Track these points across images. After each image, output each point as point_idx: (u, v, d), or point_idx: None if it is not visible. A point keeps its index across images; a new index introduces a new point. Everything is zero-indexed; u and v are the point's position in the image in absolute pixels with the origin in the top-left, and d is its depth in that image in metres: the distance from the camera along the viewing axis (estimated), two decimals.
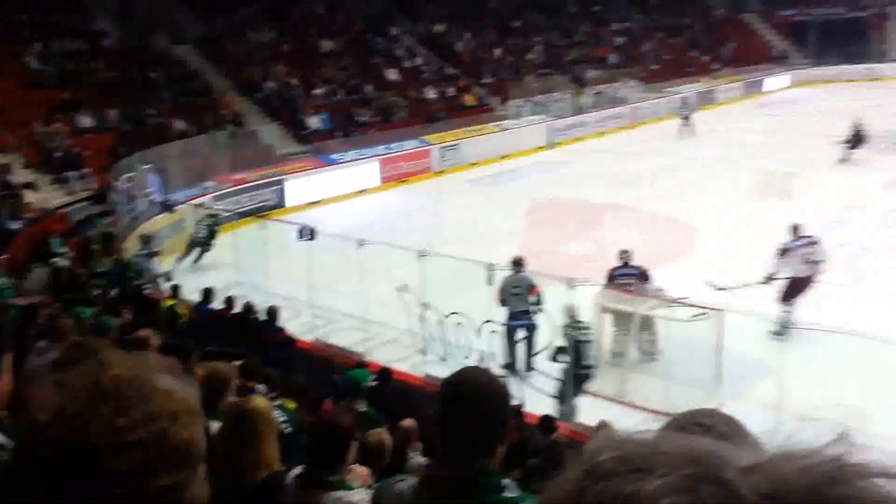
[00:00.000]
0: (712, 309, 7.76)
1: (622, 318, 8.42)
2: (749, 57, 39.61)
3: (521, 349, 8.60)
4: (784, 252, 8.94)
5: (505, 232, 13.28)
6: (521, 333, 8.53)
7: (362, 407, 5.75)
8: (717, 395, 7.52)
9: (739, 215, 13.79)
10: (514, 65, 30.17)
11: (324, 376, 7.33)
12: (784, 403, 7.10)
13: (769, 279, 8.88)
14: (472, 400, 1.58)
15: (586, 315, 8.00)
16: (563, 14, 37.04)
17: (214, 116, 19.21)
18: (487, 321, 8.38)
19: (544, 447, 5.15)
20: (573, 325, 7.50)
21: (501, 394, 1.65)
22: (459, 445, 1.58)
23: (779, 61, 40.63)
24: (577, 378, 7.44)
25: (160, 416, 0.76)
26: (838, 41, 39.85)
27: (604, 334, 8.51)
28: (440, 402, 1.64)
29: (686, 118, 24.60)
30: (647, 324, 8.34)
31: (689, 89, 30.17)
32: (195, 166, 15.95)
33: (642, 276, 8.54)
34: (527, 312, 8.36)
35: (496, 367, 7.67)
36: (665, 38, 39.02)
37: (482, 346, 8.44)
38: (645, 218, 14.27)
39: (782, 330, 8.53)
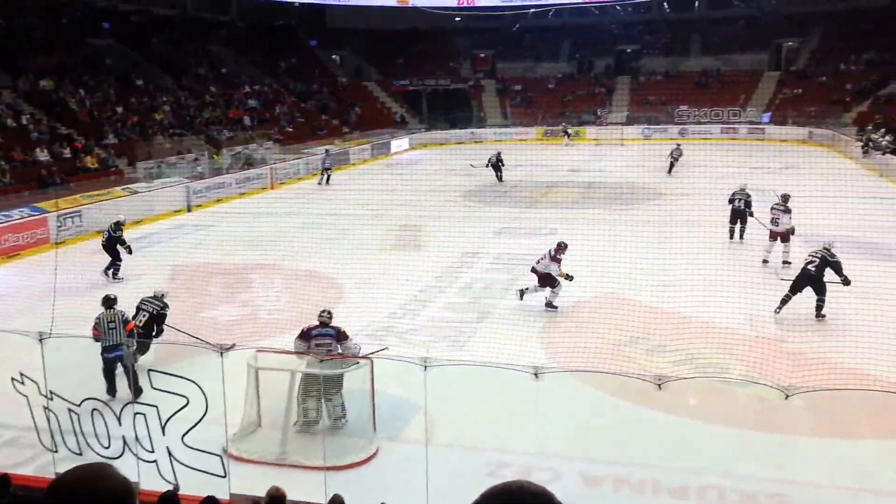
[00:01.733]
0: (364, 357, 8.12)
1: (311, 381, 8.26)
2: (374, 121, 42.95)
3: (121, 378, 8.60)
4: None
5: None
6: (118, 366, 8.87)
7: None
8: (375, 440, 7.87)
9: (377, 267, 14.61)
10: (141, 125, 28.70)
11: None
12: (434, 437, 7.68)
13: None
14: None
15: (241, 379, 7.80)
16: (190, 74, 36.38)
17: None
18: (130, 403, 7.69)
19: None
20: None
21: (119, 495, 1.51)
22: None
23: (400, 125, 44.64)
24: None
25: None
26: (446, 108, 45.33)
27: (264, 399, 8.34)
28: None
29: (326, 175, 27.16)
30: (337, 385, 8.26)
31: (323, 150, 31.49)
32: None
33: (340, 336, 8.51)
34: (121, 345, 8.85)
35: (144, 452, 6.98)
36: (297, 102, 40.46)
37: (126, 432, 7.69)
38: (290, 276, 14.47)
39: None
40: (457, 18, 49.87)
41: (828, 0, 44.89)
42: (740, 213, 16.14)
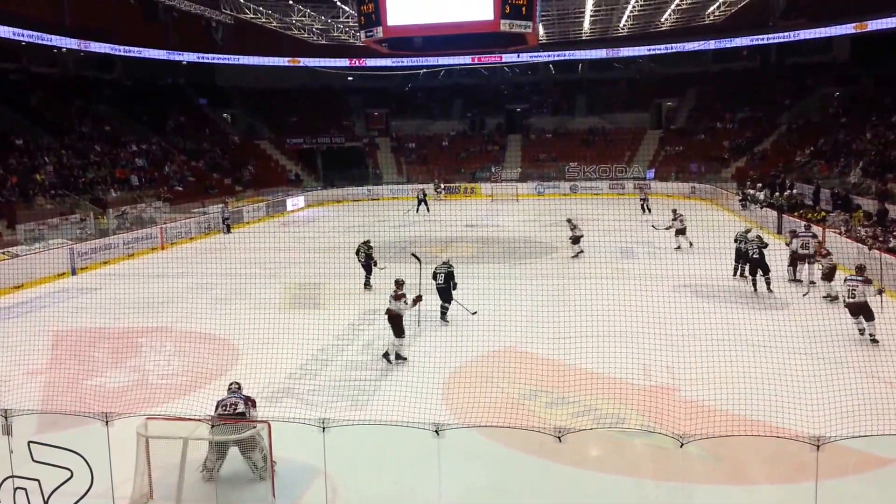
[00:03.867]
0: (261, 421, 7.84)
1: (220, 448, 7.90)
2: (269, 179, 42.47)
3: None
4: None
5: (24, 372, 11.63)
6: None
7: None
8: None
9: (273, 327, 14.23)
10: (21, 185, 27.29)
11: None
12: (335, 500, 7.47)
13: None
14: None
15: (130, 449, 7.37)
16: (73, 133, 35.04)
17: None
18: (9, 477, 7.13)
19: None
20: None
21: None
22: None
23: (295, 184, 44.31)
24: None
25: None
26: (342, 166, 45.48)
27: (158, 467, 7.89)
28: None
29: (226, 226, 27.97)
30: (249, 444, 7.92)
31: (221, 210, 30.78)
32: None
33: (248, 400, 8.23)
34: None
35: None
36: (186, 161, 39.54)
37: None
38: (182, 338, 13.91)
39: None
40: (349, 78, 50.54)
41: (701, 62, 48.28)
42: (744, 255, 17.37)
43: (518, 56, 46.11)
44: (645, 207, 31.77)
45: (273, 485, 7.64)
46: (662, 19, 37.58)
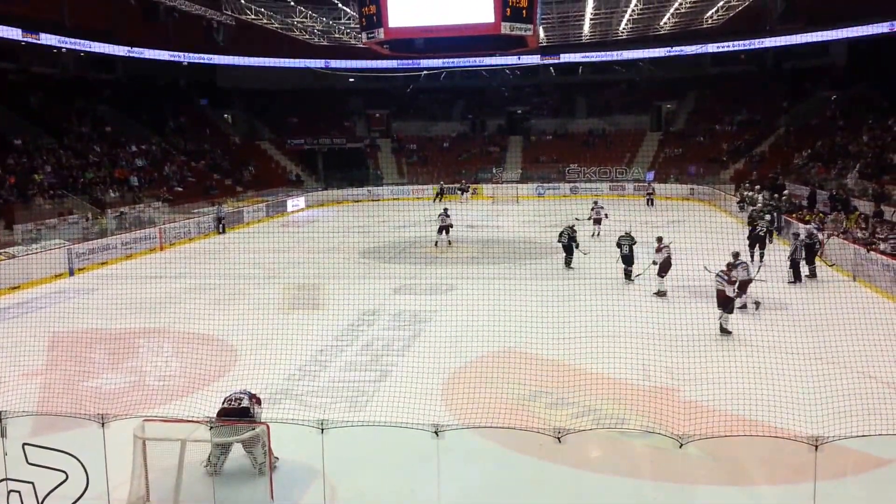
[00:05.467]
0: (260, 423, 7.82)
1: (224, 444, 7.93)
2: (269, 180, 42.44)
3: None
4: None
5: (21, 373, 11.61)
6: None
7: None
8: None
9: (272, 328, 14.21)
10: (20, 186, 27.28)
11: None
12: (333, 502, 7.44)
13: None
14: None
15: (127, 451, 7.34)
16: (72, 134, 35.02)
17: None
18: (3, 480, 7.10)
19: None
20: None
21: None
22: None
23: (296, 184, 44.30)
24: None
25: None
26: (343, 167, 45.49)
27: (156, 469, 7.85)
28: None
29: (222, 225, 28.07)
30: (250, 442, 7.93)
31: (217, 210, 30.78)
32: None
33: (254, 399, 8.27)
34: None
35: None
36: (186, 162, 39.53)
37: None
38: (180, 340, 13.89)
39: None
40: (350, 79, 50.50)
41: (700, 66, 48.34)
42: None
43: (518, 58, 46.12)
44: (651, 202, 34.99)
45: (272, 486, 7.60)
46: (662, 23, 37.62)
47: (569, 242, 19.48)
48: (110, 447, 7.20)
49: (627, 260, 17.84)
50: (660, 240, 16.64)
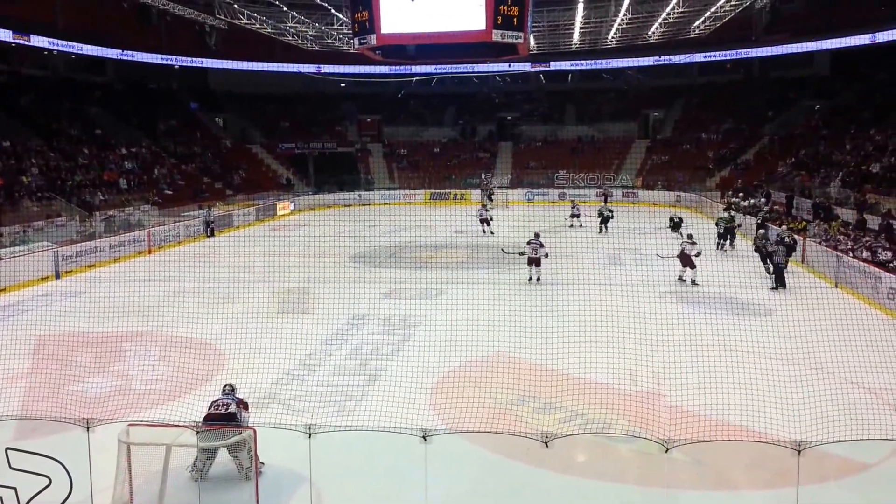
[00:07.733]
0: (246, 428, 7.81)
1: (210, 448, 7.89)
2: (260, 184, 42.35)
3: None
4: None
5: (4, 377, 11.53)
6: None
7: None
8: None
9: (260, 332, 14.17)
10: (7, 188, 27.13)
11: None
12: None
13: None
14: None
15: (111, 456, 7.30)
16: (62, 136, 34.87)
17: None
18: None
19: None
20: None
21: None
22: None
23: (286, 188, 44.23)
24: None
25: None
26: (333, 171, 45.46)
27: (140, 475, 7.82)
28: None
29: (210, 228, 28.20)
30: (236, 446, 7.88)
31: (206, 214, 30.68)
32: None
33: (241, 405, 8.24)
34: None
35: None
36: (176, 165, 39.41)
37: None
38: (167, 344, 13.84)
39: None
40: (342, 84, 50.55)
41: (687, 74, 48.74)
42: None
43: (509, 65, 46.29)
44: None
45: (257, 492, 7.58)
46: (650, 32, 37.89)
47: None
48: (95, 452, 7.18)
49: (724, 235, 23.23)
50: (690, 237, 18.30)
